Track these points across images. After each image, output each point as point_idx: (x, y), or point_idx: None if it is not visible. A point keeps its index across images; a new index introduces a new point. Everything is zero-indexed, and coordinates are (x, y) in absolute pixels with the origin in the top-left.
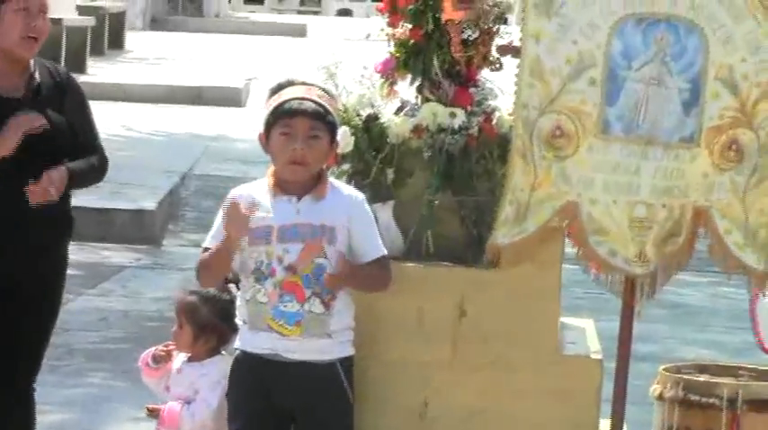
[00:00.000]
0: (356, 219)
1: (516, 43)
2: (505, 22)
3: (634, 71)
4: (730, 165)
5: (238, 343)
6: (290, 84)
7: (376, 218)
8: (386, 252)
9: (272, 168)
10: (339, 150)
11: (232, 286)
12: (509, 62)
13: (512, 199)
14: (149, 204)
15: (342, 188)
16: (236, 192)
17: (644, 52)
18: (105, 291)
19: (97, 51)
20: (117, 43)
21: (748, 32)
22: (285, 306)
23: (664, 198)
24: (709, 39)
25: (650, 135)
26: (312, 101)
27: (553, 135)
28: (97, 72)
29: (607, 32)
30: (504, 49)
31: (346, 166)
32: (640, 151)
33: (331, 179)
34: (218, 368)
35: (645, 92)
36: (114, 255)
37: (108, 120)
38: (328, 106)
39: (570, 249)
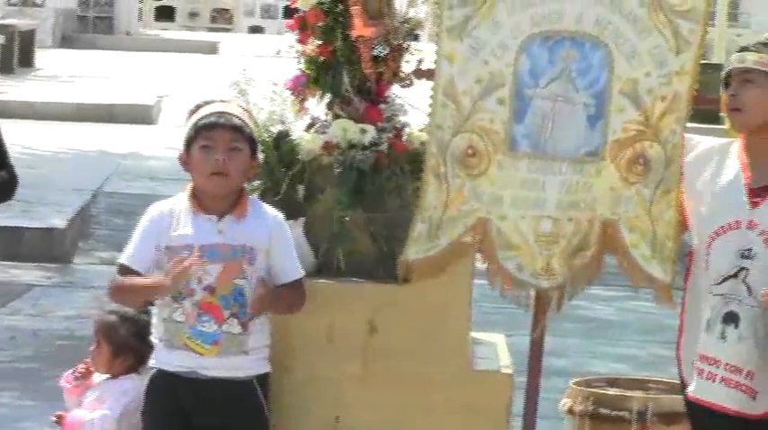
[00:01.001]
0: (276, 240)
1: (428, 60)
2: (416, 38)
3: (541, 88)
4: (637, 178)
5: (153, 361)
6: (208, 103)
7: None
8: (303, 274)
9: (190, 186)
10: None
11: (152, 307)
12: (423, 80)
13: (424, 217)
14: (59, 222)
15: (262, 208)
16: (155, 209)
17: (550, 69)
18: (15, 309)
19: (7, 69)
20: (27, 61)
21: (654, 47)
22: (203, 326)
23: (570, 212)
24: (613, 54)
25: (556, 150)
26: (231, 114)
27: (466, 154)
28: (7, 90)
29: (516, 51)
30: (420, 73)
31: (257, 183)
32: (547, 167)
33: (252, 197)
34: (132, 384)
35: (551, 108)
36: (24, 273)
37: (18, 138)
38: (247, 120)
39: (480, 264)
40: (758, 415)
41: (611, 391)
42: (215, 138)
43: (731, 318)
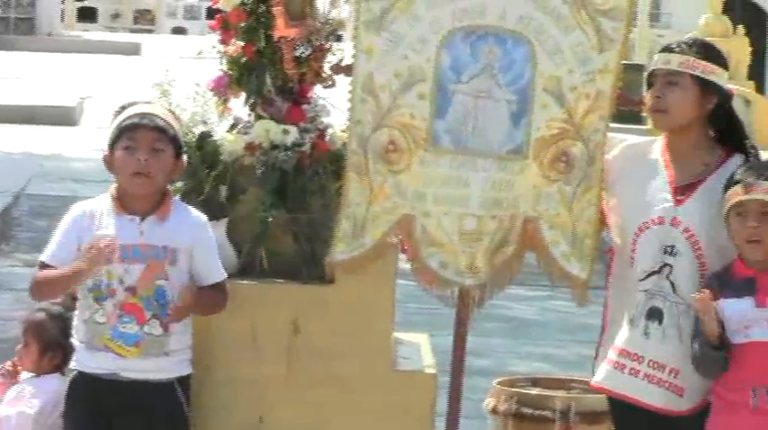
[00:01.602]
0: (199, 242)
1: (348, 60)
2: (339, 39)
3: (463, 84)
4: (560, 176)
5: (74, 363)
6: (133, 104)
7: None
8: (225, 276)
9: (114, 186)
10: None
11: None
12: (342, 79)
13: (348, 214)
14: None
15: (185, 209)
16: (78, 208)
17: (473, 65)
18: None
19: None
20: None
21: (576, 44)
22: (124, 327)
23: (493, 209)
24: (536, 51)
25: (479, 147)
26: (155, 115)
27: (386, 150)
28: None
29: (436, 46)
30: (337, 69)
31: (180, 184)
32: (470, 163)
33: (175, 199)
34: (54, 384)
35: (474, 104)
36: None
37: None
38: (172, 122)
39: (403, 265)
40: (683, 411)
41: (534, 391)
42: (138, 138)
43: (655, 314)
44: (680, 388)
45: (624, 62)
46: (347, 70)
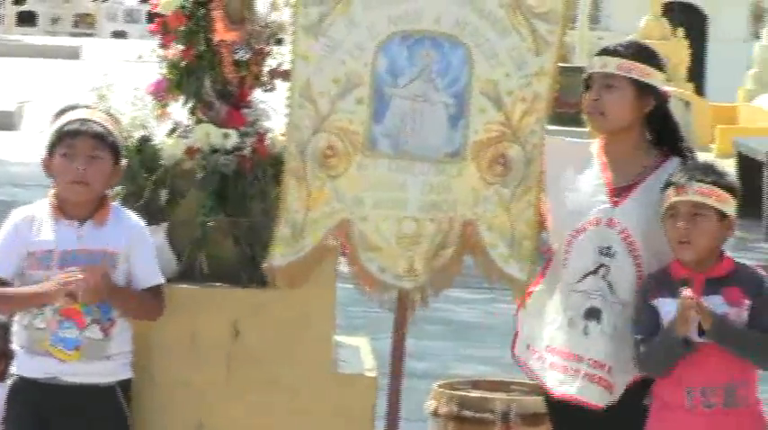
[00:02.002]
0: (136, 245)
1: (288, 63)
2: (279, 42)
3: (400, 88)
4: (497, 178)
5: (14, 369)
6: (73, 108)
7: None
8: (163, 281)
9: (52, 192)
10: None
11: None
12: (281, 83)
13: (287, 219)
14: None
15: (124, 213)
16: (17, 215)
17: (409, 69)
18: None
19: None
20: None
21: (512, 48)
22: (64, 332)
23: (432, 212)
24: (473, 54)
25: (417, 151)
26: (94, 122)
27: (325, 155)
28: None
29: (373, 51)
30: (275, 74)
31: (119, 188)
32: (408, 167)
33: (113, 204)
34: None
35: (411, 108)
36: None
37: None
38: (111, 128)
39: (345, 268)
40: (601, 406)
41: (475, 393)
42: (76, 146)
43: (593, 314)
44: (611, 384)
45: (564, 65)
46: (285, 75)
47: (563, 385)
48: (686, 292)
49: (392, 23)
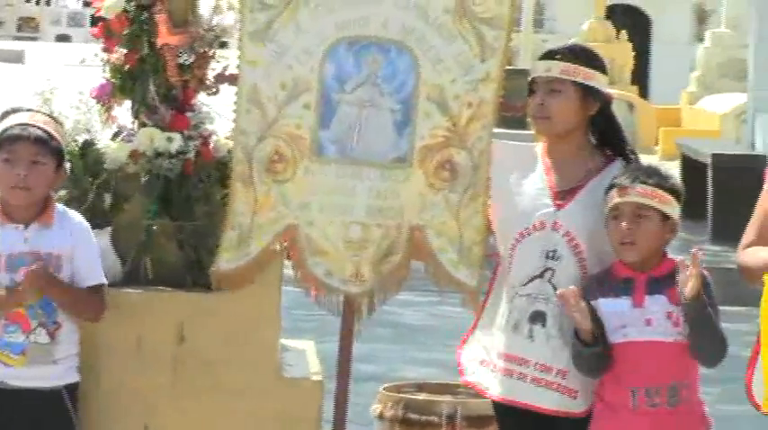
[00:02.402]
0: (80, 245)
1: (233, 67)
2: (224, 46)
3: (347, 94)
4: (444, 184)
5: None
6: (15, 111)
7: None
8: (104, 281)
9: None
10: None
11: None
12: (226, 86)
13: (234, 224)
14: None
15: (68, 215)
16: None
17: (357, 75)
18: None
19: None
20: None
21: (459, 54)
22: (10, 336)
23: (379, 218)
24: (419, 60)
25: (364, 156)
26: (36, 126)
27: (272, 160)
28: None
29: (320, 56)
30: (221, 78)
31: (63, 192)
32: (355, 172)
33: (58, 205)
34: None
35: (358, 114)
36: None
37: None
38: (54, 132)
39: (288, 271)
40: (580, 412)
41: (421, 396)
42: (17, 151)
43: (538, 317)
44: (572, 389)
45: (509, 68)
46: (231, 80)
47: (511, 389)
48: (561, 291)
49: (339, 29)
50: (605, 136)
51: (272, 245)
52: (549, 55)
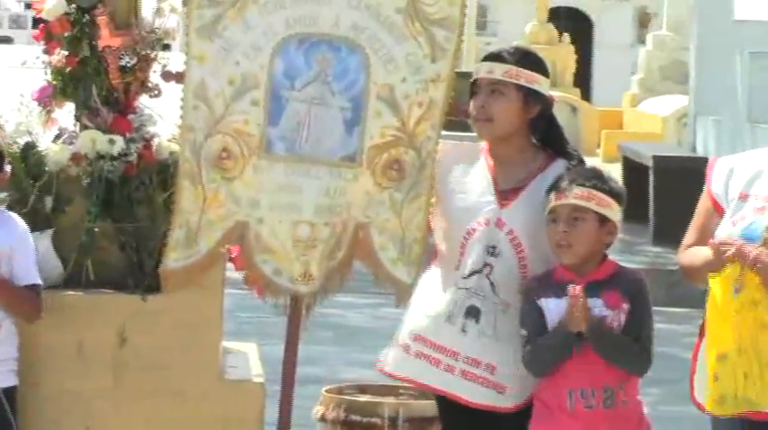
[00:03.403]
0: (18, 246)
1: (176, 69)
2: (167, 48)
3: (297, 91)
4: (391, 183)
5: None
6: None
7: (36, 247)
8: (39, 282)
9: None
10: None
11: None
12: (169, 88)
13: (182, 222)
14: None
15: (8, 216)
16: None
17: (306, 72)
18: None
19: None
20: None
21: (409, 53)
22: None
23: (327, 217)
24: (370, 59)
25: (313, 154)
26: None
27: (220, 157)
28: None
29: (270, 53)
30: (168, 76)
31: (3, 195)
32: (304, 170)
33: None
34: None
35: (307, 111)
36: None
37: None
38: None
39: (231, 274)
40: (508, 407)
41: (363, 398)
42: None
43: (473, 313)
44: (500, 385)
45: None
46: (179, 77)
47: (434, 378)
48: (574, 289)
49: (289, 26)
50: (547, 138)
51: (222, 243)
52: (492, 57)
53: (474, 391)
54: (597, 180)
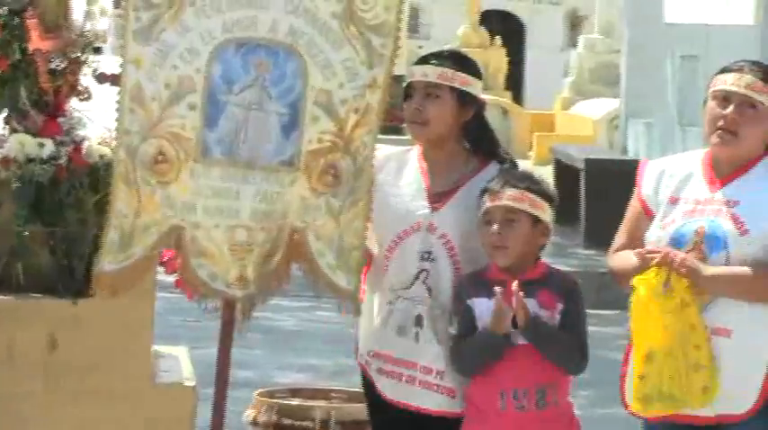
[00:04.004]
0: None
1: (108, 71)
2: (98, 50)
3: (234, 95)
4: (327, 188)
5: None
6: None
7: None
8: None
9: None
10: None
11: None
12: (103, 90)
13: (116, 225)
14: None
15: None
16: None
17: (244, 77)
18: None
19: None
20: None
21: (346, 59)
22: None
23: (264, 221)
24: (308, 64)
25: (250, 159)
26: None
27: (155, 160)
28: None
29: (207, 57)
30: (104, 78)
31: None
32: (241, 175)
33: None
34: None
35: (245, 116)
36: None
37: None
38: None
39: (163, 277)
40: (460, 413)
41: (295, 401)
42: None
43: (419, 322)
44: (450, 389)
45: None
46: (114, 79)
47: (392, 391)
48: (498, 289)
49: (227, 30)
50: (479, 141)
51: (157, 247)
52: (426, 60)
53: (431, 399)
54: (529, 182)
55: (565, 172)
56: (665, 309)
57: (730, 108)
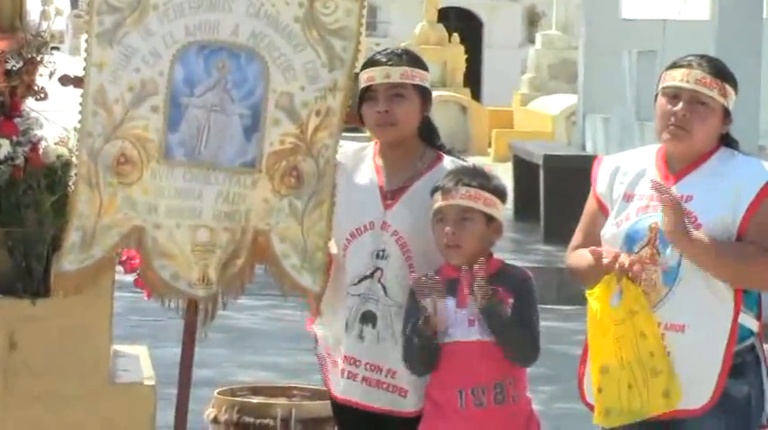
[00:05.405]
0: None
1: (60, 71)
2: (55, 50)
3: (196, 98)
4: (290, 190)
5: None
6: None
7: None
8: None
9: None
10: None
11: None
12: (59, 91)
13: (78, 225)
14: None
15: None
16: None
17: (206, 79)
18: None
19: None
20: None
21: (307, 62)
22: None
23: (226, 222)
24: (269, 67)
25: (212, 160)
26: None
27: (118, 162)
28: None
29: (169, 60)
30: (66, 80)
31: None
32: (203, 176)
33: None
34: None
35: (207, 118)
36: None
37: None
38: None
39: (121, 277)
40: (411, 412)
41: (255, 399)
42: None
43: (369, 318)
44: (402, 388)
45: None
46: (77, 82)
47: (345, 389)
48: (476, 268)
49: (189, 33)
50: (428, 137)
51: (118, 247)
52: (378, 62)
53: (375, 397)
54: (482, 179)
55: (524, 168)
56: (615, 321)
57: (680, 105)
